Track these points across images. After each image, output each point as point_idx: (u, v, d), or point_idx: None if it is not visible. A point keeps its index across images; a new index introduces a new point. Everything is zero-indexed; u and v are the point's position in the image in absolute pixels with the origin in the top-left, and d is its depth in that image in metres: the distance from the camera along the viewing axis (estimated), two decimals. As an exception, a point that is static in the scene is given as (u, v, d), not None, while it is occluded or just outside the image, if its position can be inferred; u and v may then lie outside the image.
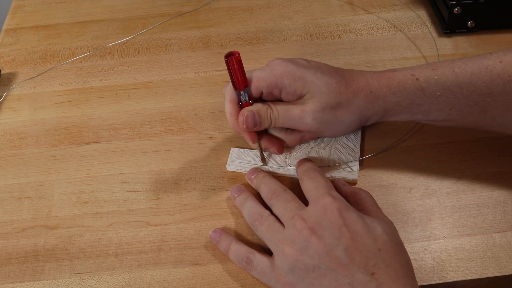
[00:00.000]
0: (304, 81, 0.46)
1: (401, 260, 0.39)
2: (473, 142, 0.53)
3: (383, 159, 0.52)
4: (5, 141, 0.57)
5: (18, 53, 0.68)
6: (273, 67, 0.47)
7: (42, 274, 0.46)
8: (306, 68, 0.46)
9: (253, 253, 0.44)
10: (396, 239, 0.41)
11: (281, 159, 0.52)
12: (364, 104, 0.46)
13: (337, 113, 0.46)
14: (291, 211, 0.43)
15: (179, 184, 0.52)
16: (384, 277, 0.38)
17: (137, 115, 0.59)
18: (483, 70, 0.44)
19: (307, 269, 0.40)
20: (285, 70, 0.46)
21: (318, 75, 0.46)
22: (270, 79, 0.46)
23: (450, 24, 0.65)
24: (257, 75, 0.47)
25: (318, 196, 0.43)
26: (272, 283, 0.42)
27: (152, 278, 0.45)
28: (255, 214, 0.45)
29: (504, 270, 0.44)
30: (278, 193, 0.46)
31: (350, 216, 0.41)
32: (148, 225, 0.49)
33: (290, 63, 0.47)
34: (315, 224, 0.41)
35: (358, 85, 0.46)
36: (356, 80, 0.47)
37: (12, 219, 0.50)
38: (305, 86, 0.46)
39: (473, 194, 0.49)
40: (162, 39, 0.68)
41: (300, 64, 0.47)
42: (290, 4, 0.73)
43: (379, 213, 0.44)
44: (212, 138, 0.56)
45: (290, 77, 0.46)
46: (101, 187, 0.52)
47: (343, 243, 0.39)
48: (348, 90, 0.46)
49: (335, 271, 0.38)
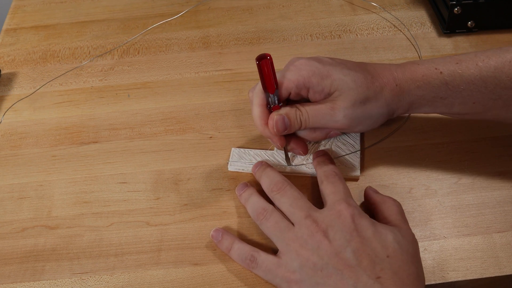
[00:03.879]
0: (331, 79, 0.46)
1: (410, 271, 0.39)
2: (473, 142, 0.53)
3: (383, 159, 0.52)
4: (5, 141, 0.57)
5: (18, 53, 0.68)
6: (299, 67, 0.47)
7: (42, 274, 0.46)
8: (332, 66, 0.46)
9: (257, 251, 0.44)
10: (409, 250, 0.41)
11: (283, 153, 0.52)
12: (390, 97, 0.46)
13: (367, 107, 0.46)
14: (303, 211, 0.43)
15: (179, 184, 0.52)
16: (389, 282, 0.38)
17: (137, 115, 0.59)
18: (507, 64, 0.44)
19: (315, 268, 0.40)
20: (312, 70, 0.46)
21: (345, 72, 0.46)
22: (298, 79, 0.46)
23: (450, 24, 0.65)
24: (286, 76, 0.47)
25: (334, 202, 0.43)
26: (277, 280, 0.42)
27: (152, 278, 0.45)
28: (259, 208, 0.46)
29: (504, 270, 0.44)
30: (282, 187, 0.46)
31: (362, 223, 0.41)
32: (148, 225, 0.49)
33: (315, 61, 0.47)
34: (328, 227, 0.41)
35: (384, 79, 0.46)
36: (381, 73, 0.46)
37: (12, 219, 0.50)
38: (333, 84, 0.46)
39: (473, 194, 0.49)
40: (162, 39, 0.68)
41: (325, 62, 0.47)
42: (290, 4, 0.73)
43: (402, 223, 0.43)
44: (212, 138, 0.56)
45: (317, 76, 0.46)
46: (101, 187, 0.52)
47: (352, 246, 0.39)
48: (375, 85, 0.46)
49: (341, 271, 0.39)
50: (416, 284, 0.39)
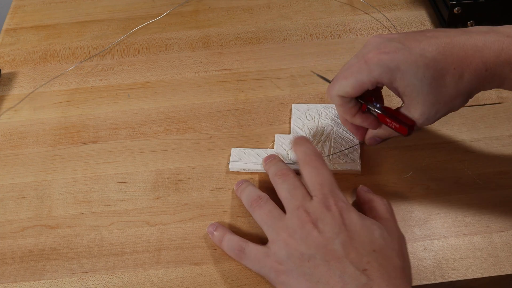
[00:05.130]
0: (404, 83, 0.43)
1: (396, 264, 0.39)
2: (473, 142, 0.53)
3: (383, 159, 0.52)
4: (5, 141, 0.57)
5: (18, 53, 0.68)
6: (369, 64, 0.45)
7: (42, 274, 0.46)
8: (405, 63, 0.43)
9: (246, 242, 0.44)
10: (395, 245, 0.41)
11: (283, 151, 0.52)
12: (476, 82, 0.42)
13: (446, 104, 0.43)
14: (297, 200, 0.43)
15: (179, 184, 0.52)
16: (376, 274, 0.38)
17: (137, 115, 0.59)
18: None
19: (303, 258, 0.40)
20: (382, 68, 0.44)
21: (419, 74, 0.43)
22: (371, 81, 0.44)
23: (450, 24, 0.65)
24: (358, 78, 0.45)
25: (324, 194, 0.43)
26: (265, 270, 0.42)
27: (152, 278, 0.45)
28: (254, 196, 0.46)
29: (504, 270, 0.44)
30: (286, 173, 0.46)
31: (350, 217, 0.41)
32: (148, 224, 0.49)
33: (385, 55, 0.44)
34: (318, 219, 0.41)
35: (472, 66, 0.42)
36: (469, 59, 0.42)
37: (12, 218, 0.50)
38: (406, 89, 0.44)
39: (473, 194, 0.49)
40: (162, 39, 0.68)
41: (395, 51, 0.44)
42: (290, 4, 0.73)
43: (389, 222, 0.44)
44: (212, 138, 0.56)
45: (388, 75, 0.44)
46: (101, 186, 0.52)
47: (341, 238, 0.40)
48: (455, 77, 0.42)
49: (328, 262, 0.39)
50: (402, 277, 0.39)
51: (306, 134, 0.54)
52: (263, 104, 0.59)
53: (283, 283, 0.41)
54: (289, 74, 0.62)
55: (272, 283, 0.42)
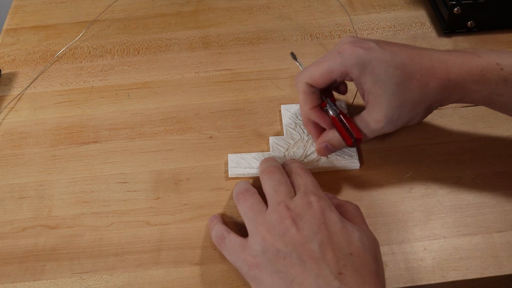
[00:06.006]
0: (373, 77, 0.45)
1: (371, 269, 0.39)
2: (473, 142, 0.53)
3: (383, 159, 0.52)
4: (5, 141, 0.57)
5: (18, 53, 0.68)
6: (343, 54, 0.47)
7: (42, 274, 0.46)
8: (376, 61, 0.46)
9: (229, 232, 0.44)
10: (371, 250, 0.40)
11: (280, 153, 0.52)
12: (439, 91, 0.45)
13: (406, 110, 0.46)
14: (280, 196, 0.43)
15: (179, 184, 0.52)
16: (350, 279, 0.38)
17: (137, 115, 0.59)
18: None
19: (278, 255, 0.40)
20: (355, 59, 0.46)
21: (389, 71, 0.45)
22: (341, 70, 0.46)
23: (450, 24, 0.65)
24: (329, 67, 0.47)
25: (306, 193, 0.43)
26: (239, 262, 0.42)
27: (152, 278, 0.45)
28: (242, 189, 0.46)
29: (504, 270, 0.44)
30: (273, 171, 0.46)
31: (331, 217, 0.41)
32: (148, 225, 0.49)
33: (360, 48, 0.46)
34: (298, 216, 0.41)
35: (436, 75, 0.44)
36: (435, 68, 0.45)
37: (12, 218, 0.50)
38: (375, 85, 0.46)
39: (473, 194, 0.49)
40: (162, 39, 0.68)
41: (371, 49, 0.47)
42: (290, 4, 0.73)
43: (363, 226, 0.43)
44: (212, 138, 0.56)
45: (359, 67, 0.46)
46: (101, 187, 0.52)
47: (319, 238, 0.39)
48: (421, 83, 0.44)
49: (305, 263, 0.39)
50: (376, 282, 0.39)
51: (299, 134, 0.54)
52: (263, 104, 0.59)
53: (255, 278, 0.40)
54: (289, 74, 0.62)
55: (244, 276, 0.42)
